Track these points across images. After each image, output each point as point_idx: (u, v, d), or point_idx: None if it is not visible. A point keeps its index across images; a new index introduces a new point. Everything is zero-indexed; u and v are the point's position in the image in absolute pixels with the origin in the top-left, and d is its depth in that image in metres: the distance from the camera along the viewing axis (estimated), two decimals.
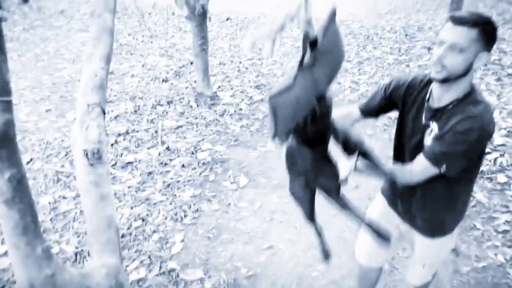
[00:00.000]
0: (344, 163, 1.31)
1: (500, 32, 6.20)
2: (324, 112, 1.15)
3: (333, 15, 1.08)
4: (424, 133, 1.48)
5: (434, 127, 1.44)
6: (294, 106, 1.07)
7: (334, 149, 1.29)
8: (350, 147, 1.32)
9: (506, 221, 2.74)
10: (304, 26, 1.02)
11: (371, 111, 1.64)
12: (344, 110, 1.69)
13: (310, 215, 1.47)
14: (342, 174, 1.31)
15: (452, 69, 1.33)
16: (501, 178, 3.13)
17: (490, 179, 3.13)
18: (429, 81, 1.48)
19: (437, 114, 1.43)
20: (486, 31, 1.30)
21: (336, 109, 1.32)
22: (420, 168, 1.44)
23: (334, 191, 1.35)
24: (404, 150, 1.59)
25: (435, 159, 1.39)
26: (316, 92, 1.09)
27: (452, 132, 1.35)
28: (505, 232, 2.66)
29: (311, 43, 1.04)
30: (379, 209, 1.81)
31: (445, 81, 1.36)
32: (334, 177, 1.31)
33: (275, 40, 1.04)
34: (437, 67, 1.35)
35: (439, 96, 1.43)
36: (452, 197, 1.54)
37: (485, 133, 1.33)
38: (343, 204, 1.35)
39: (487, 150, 3.41)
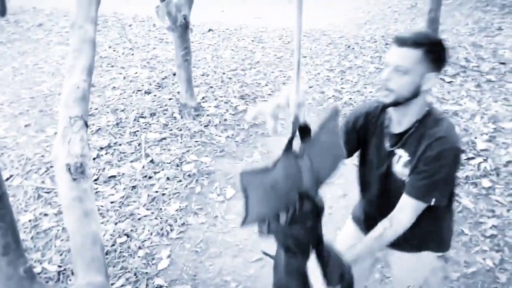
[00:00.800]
0: None
1: (477, 39, 6.34)
2: (306, 215, 0.97)
3: (334, 114, 1.00)
4: (391, 161, 1.43)
5: (401, 153, 1.39)
6: (269, 191, 0.91)
7: (314, 268, 1.04)
8: (333, 277, 1.07)
9: (493, 225, 2.76)
10: (294, 108, 0.96)
11: None
12: None
13: None
14: None
15: (399, 92, 1.29)
16: (486, 183, 3.16)
17: (475, 184, 3.16)
18: (385, 107, 1.43)
19: (401, 139, 1.39)
20: (432, 51, 1.27)
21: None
22: (409, 212, 1.35)
23: None
24: (371, 180, 1.53)
25: (422, 195, 1.33)
26: (299, 187, 0.96)
27: (424, 159, 1.31)
28: (492, 236, 2.68)
29: (300, 129, 0.96)
30: (352, 237, 1.70)
31: (395, 104, 1.33)
32: None
33: (276, 117, 0.98)
34: (384, 91, 1.32)
35: (398, 121, 1.40)
36: (438, 223, 1.50)
37: (456, 150, 1.31)
38: None
39: (470, 155, 3.45)
